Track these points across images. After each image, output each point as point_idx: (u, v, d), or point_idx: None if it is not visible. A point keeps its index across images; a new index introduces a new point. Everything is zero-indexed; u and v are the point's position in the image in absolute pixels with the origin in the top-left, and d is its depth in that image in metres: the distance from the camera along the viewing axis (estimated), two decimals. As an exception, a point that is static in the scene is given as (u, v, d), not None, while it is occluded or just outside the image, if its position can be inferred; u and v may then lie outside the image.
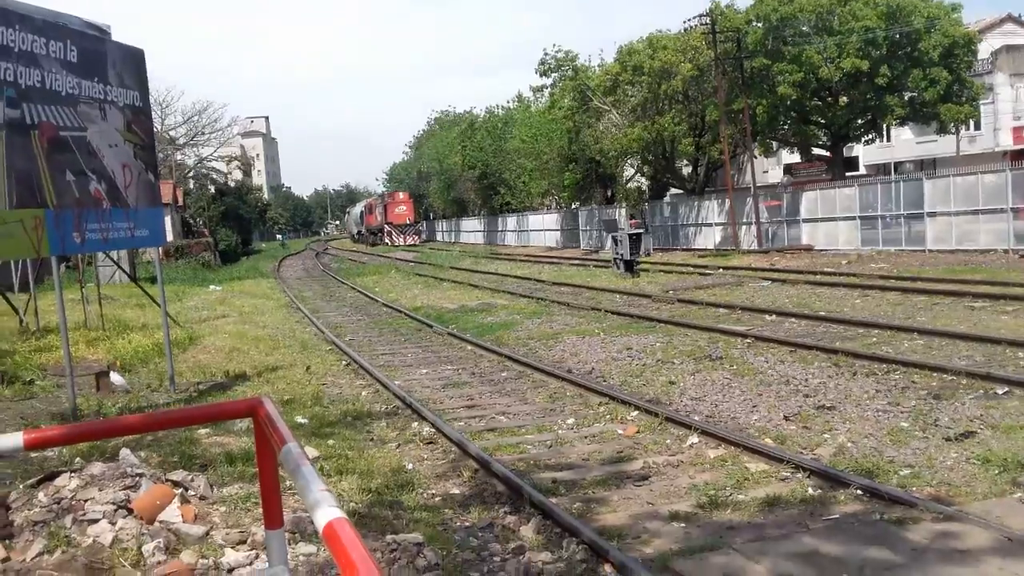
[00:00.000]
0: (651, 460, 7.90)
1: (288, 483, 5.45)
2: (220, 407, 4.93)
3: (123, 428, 4.61)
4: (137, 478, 6.22)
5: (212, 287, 31.62)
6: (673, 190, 48.06)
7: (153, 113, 15.51)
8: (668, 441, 8.48)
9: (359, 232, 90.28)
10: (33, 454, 7.41)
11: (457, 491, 7.45)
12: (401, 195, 74.84)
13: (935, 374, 10.30)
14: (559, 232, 55.45)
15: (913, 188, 29.81)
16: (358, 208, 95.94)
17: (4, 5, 9.14)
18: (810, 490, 6.80)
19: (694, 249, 39.65)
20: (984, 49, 39.42)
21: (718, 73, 35.45)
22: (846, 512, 6.29)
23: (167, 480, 6.38)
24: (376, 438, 9.30)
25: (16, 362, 13.36)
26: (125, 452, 7.23)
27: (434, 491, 7.46)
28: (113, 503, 5.78)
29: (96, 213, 10.41)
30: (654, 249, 38.19)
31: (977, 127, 43.88)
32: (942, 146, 44.81)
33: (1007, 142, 43.08)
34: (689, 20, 37.39)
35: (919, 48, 32.89)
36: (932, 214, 28.64)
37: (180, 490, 6.21)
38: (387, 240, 71.41)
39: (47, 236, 9.52)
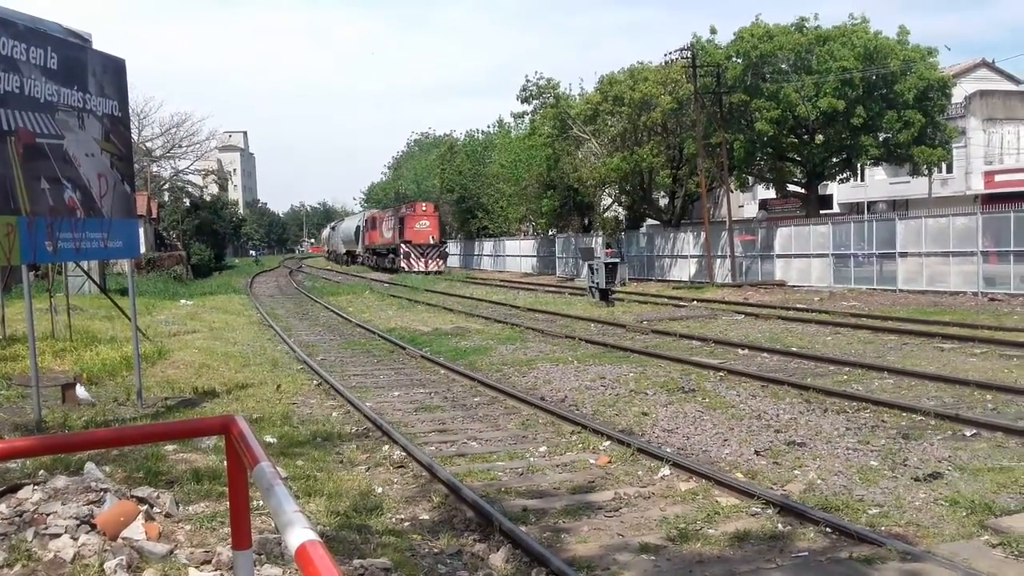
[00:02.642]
0: (622, 491, 7.87)
1: (254, 502, 5.39)
2: (192, 423, 4.87)
3: (93, 442, 4.54)
4: (101, 493, 6.11)
5: (183, 301, 31.31)
6: (650, 221, 48.40)
7: (131, 123, 15.40)
8: (640, 472, 8.47)
9: (349, 252, 75.91)
10: (-5, 465, 7.25)
11: (426, 516, 7.38)
12: (424, 206, 58.67)
13: (904, 414, 10.38)
14: (535, 258, 55.56)
15: (885, 228, 30.21)
16: (351, 223, 78.78)
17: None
18: (780, 526, 6.80)
19: (669, 280, 39.86)
20: (958, 93, 40.11)
21: (697, 107, 35.80)
22: (815, 549, 6.30)
23: (132, 496, 6.27)
24: (346, 460, 9.20)
25: (-20, 370, 13.14)
26: (90, 466, 7.11)
27: (403, 515, 7.39)
28: (76, 518, 5.66)
29: (70, 222, 10.29)
30: (629, 279, 38.36)
31: (949, 170, 44.59)
32: (915, 187, 45.46)
33: (978, 186, 43.78)
34: (670, 53, 37.80)
35: (894, 90, 33.44)
36: (904, 254, 29.01)
37: (145, 507, 6.10)
38: (403, 264, 54.95)
39: (19, 244, 9.38)
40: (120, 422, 10.51)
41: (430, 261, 55.24)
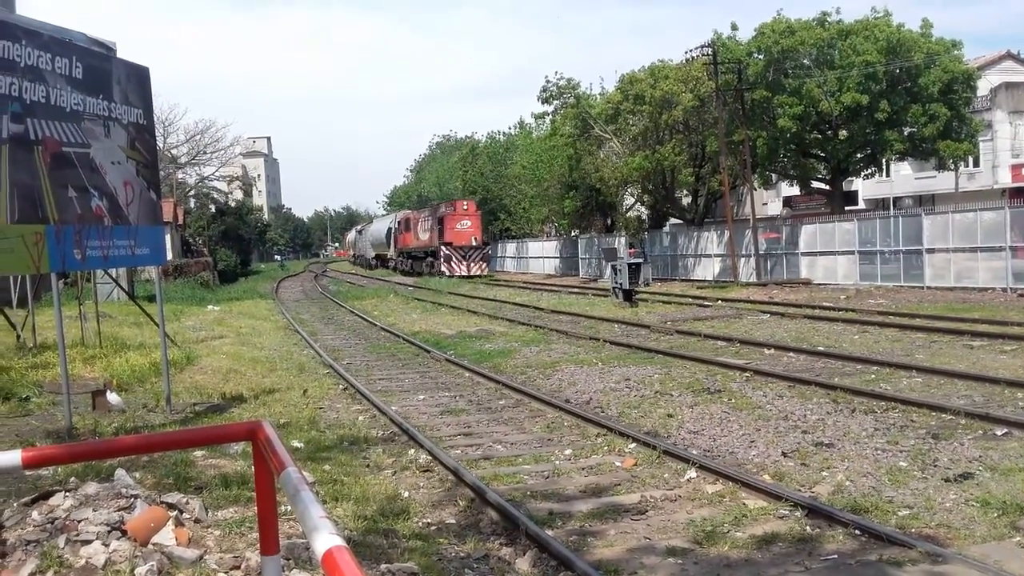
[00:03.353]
0: (648, 494, 7.85)
1: (282, 507, 5.43)
2: (219, 429, 4.91)
3: (121, 449, 4.60)
4: (132, 499, 6.16)
5: (210, 307, 31.57)
6: (672, 220, 48.20)
7: (156, 131, 15.55)
8: (666, 475, 8.44)
9: (379, 256, 72.06)
10: (28, 472, 7.35)
11: (453, 520, 7.40)
12: (465, 205, 53.90)
13: (934, 413, 10.27)
14: (558, 259, 55.50)
15: (912, 224, 29.91)
16: (382, 224, 73.95)
17: (10, 20, 9.19)
18: (808, 528, 6.76)
19: (693, 280, 39.68)
20: (983, 86, 39.66)
21: (719, 104, 35.64)
22: (844, 551, 6.25)
23: (162, 502, 6.32)
24: (372, 464, 9.24)
25: (12, 379, 13.29)
26: (120, 472, 7.18)
27: (429, 520, 7.41)
28: (107, 524, 5.72)
29: (97, 230, 10.40)
30: (653, 279, 38.24)
31: (976, 164, 44.07)
32: (941, 182, 44.98)
33: (1006, 179, 43.24)
34: (691, 51, 37.64)
35: (919, 84, 33.13)
36: (931, 250, 28.71)
37: (175, 512, 6.15)
38: (444, 268, 50.98)
39: (47, 252, 9.50)
40: (150, 428, 10.61)
41: (472, 264, 51.32)
